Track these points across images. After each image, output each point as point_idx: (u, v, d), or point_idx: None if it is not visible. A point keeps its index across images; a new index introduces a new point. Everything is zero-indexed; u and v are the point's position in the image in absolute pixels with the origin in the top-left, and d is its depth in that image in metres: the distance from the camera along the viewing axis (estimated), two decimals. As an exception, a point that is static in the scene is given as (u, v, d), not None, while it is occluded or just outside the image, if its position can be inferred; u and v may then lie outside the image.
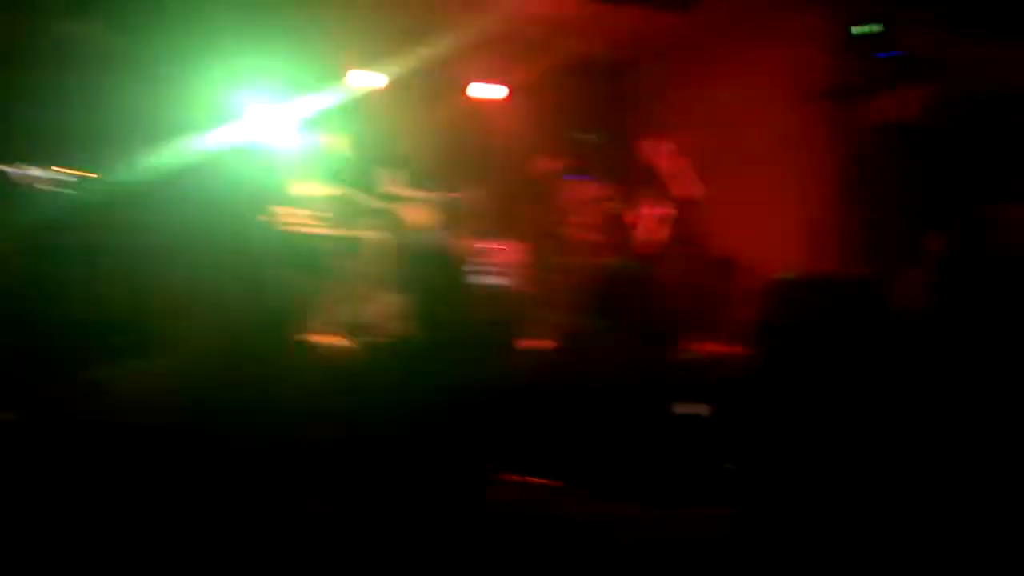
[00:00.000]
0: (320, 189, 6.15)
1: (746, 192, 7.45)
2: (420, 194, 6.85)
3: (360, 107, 7.14)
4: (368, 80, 7.16)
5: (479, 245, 7.41)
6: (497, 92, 7.90)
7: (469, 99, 7.87)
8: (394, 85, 7.27)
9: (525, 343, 4.25)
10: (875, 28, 6.57)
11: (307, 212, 5.91)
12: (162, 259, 5.17)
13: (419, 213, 6.74)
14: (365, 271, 6.11)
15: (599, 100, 8.61)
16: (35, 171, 4.89)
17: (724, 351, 5.41)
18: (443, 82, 7.73)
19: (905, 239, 6.48)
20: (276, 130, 6.27)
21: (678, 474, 2.67)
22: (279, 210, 5.77)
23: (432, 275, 2.83)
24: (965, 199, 6.53)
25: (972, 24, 6.85)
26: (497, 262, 7.46)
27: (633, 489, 2.53)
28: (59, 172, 4.93)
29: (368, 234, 6.10)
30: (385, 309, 5.92)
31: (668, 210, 7.05)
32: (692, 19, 7.13)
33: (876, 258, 6.81)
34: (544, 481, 2.52)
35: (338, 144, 6.37)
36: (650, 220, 7.11)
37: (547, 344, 3.40)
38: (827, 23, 6.84)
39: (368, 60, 7.15)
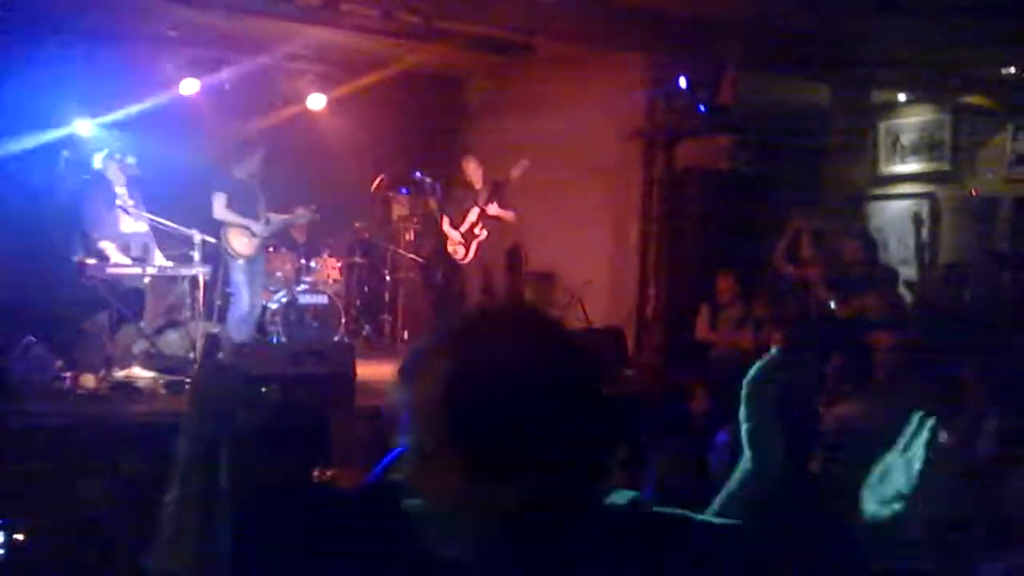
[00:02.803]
0: (141, 218, 5.87)
1: (561, 213, 7.87)
2: (245, 221, 6.63)
3: (186, 123, 6.91)
4: (189, 88, 6.93)
5: (301, 262, 7.44)
6: (326, 104, 7.82)
7: (298, 112, 7.76)
8: (219, 96, 7.08)
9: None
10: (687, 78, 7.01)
11: (123, 243, 5.68)
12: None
13: (243, 239, 6.60)
14: (180, 302, 6.02)
15: (428, 113, 8.71)
16: None
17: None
18: (271, 94, 7.60)
19: (698, 276, 7.10)
20: (93, 146, 5.88)
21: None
22: (91, 241, 5.58)
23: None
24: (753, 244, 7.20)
25: (779, 76, 7.46)
26: (318, 279, 7.52)
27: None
28: None
29: (189, 268, 5.91)
30: (198, 340, 5.91)
31: (489, 222, 7.33)
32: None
33: (673, 291, 7.41)
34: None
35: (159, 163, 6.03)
36: (472, 232, 7.37)
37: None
38: (644, 70, 7.26)
39: (194, 70, 6.93)
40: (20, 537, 3.30)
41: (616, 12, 5.95)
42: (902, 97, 8.46)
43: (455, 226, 7.35)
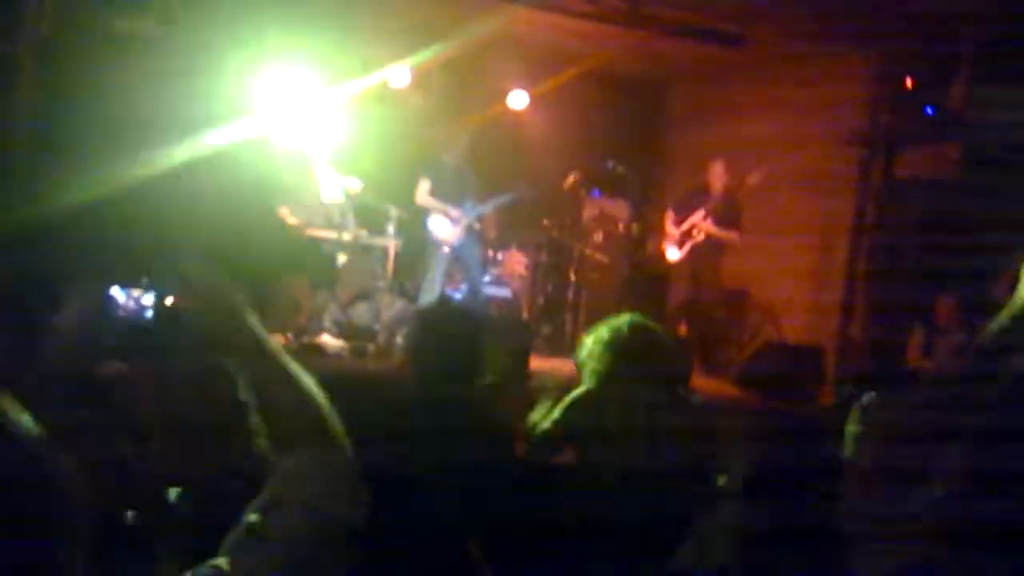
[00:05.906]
0: (343, 190, 6.06)
1: (761, 223, 7.38)
2: (444, 205, 6.61)
3: (391, 111, 7.13)
4: (399, 78, 7.12)
5: (488, 253, 7.42)
6: (527, 101, 7.82)
7: (500, 107, 7.80)
8: (424, 87, 7.24)
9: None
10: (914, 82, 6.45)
11: (322, 211, 5.92)
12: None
13: (443, 225, 6.60)
14: (372, 274, 6.15)
15: (628, 118, 8.54)
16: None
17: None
18: (475, 87, 7.70)
19: (916, 296, 6.44)
20: (305, 126, 6.17)
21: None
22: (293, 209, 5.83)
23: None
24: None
25: (1009, 84, 6.71)
26: (503, 272, 7.48)
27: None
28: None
29: (382, 239, 6.05)
30: (385, 313, 6.01)
31: (697, 233, 7.00)
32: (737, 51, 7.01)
33: (882, 311, 6.77)
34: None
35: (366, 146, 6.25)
36: (690, 232, 7.05)
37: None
38: (867, 72, 6.74)
39: (399, 59, 7.14)
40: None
41: (837, 1, 5.53)
42: None
43: (676, 223, 7.11)
